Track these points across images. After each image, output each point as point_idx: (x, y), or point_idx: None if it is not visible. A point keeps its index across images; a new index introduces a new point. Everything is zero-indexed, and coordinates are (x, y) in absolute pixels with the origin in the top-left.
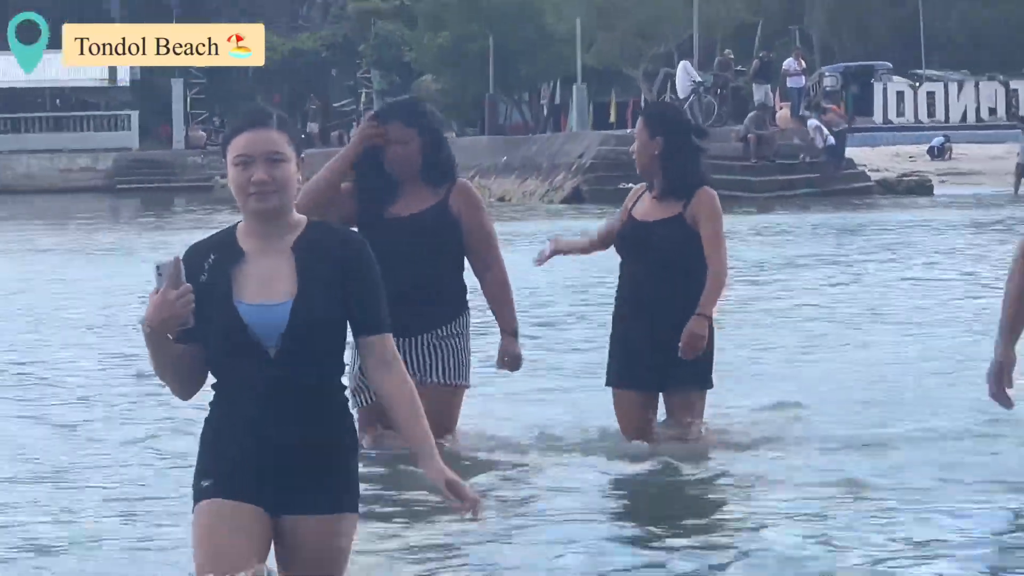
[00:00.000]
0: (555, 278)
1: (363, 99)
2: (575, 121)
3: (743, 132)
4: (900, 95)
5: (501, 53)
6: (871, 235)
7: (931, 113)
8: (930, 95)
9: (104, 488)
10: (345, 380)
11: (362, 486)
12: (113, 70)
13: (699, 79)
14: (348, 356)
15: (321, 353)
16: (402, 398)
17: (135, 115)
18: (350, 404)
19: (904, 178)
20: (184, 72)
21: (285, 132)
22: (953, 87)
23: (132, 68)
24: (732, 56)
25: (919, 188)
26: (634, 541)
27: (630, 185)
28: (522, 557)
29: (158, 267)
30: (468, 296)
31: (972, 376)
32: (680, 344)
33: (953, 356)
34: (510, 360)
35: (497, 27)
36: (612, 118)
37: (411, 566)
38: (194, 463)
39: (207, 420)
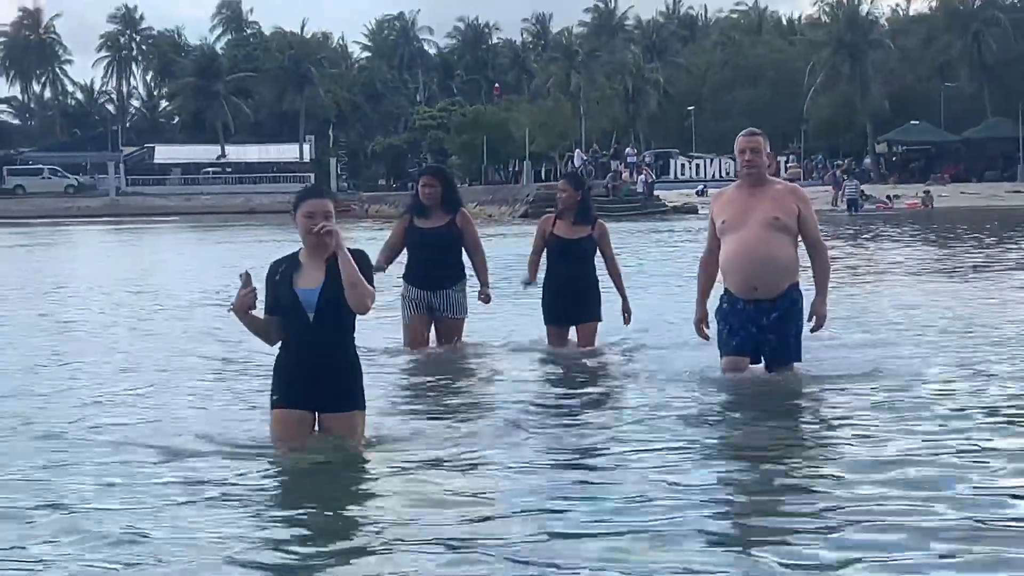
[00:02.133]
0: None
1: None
2: (525, 179)
3: (606, 183)
4: (683, 165)
5: (490, 146)
6: (664, 236)
7: (697, 174)
8: (698, 165)
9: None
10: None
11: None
12: (301, 153)
13: (585, 158)
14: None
15: (339, 319)
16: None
17: (313, 176)
18: (402, 317)
19: (684, 205)
20: (337, 155)
21: (331, 198)
22: (709, 161)
23: (310, 150)
24: (598, 147)
25: (691, 210)
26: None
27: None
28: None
29: (240, 276)
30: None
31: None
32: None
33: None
34: (485, 299)
35: (487, 134)
36: (543, 178)
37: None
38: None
39: (276, 358)
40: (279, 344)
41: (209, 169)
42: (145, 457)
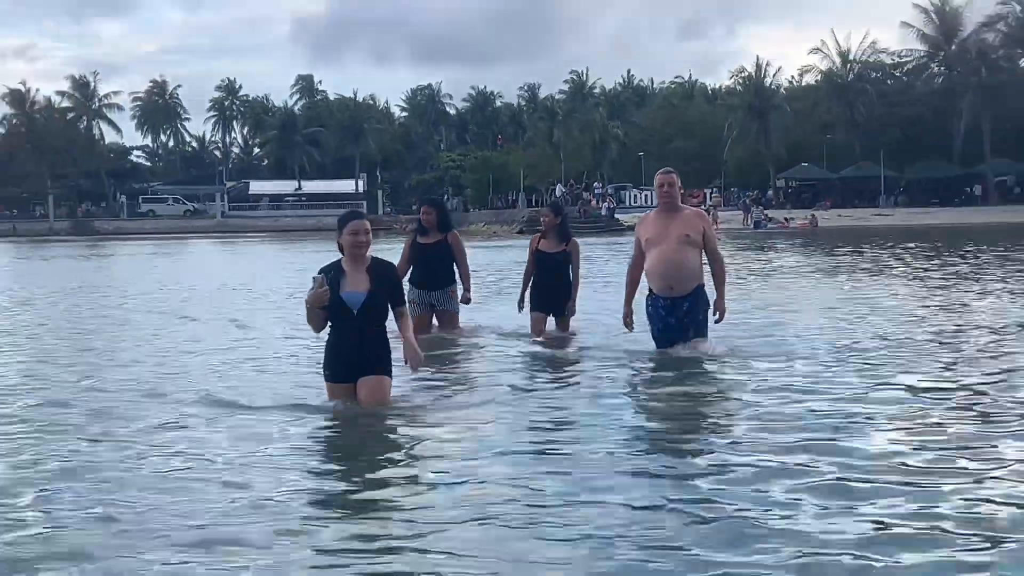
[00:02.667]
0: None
1: (445, 199)
2: (520, 205)
3: (578, 209)
4: (635, 195)
5: (494, 181)
6: (621, 246)
7: (646, 203)
8: (646, 196)
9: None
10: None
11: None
12: (356, 187)
13: (564, 190)
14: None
15: (377, 315)
16: (407, 326)
17: (364, 203)
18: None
19: None
20: (382, 188)
21: (368, 220)
22: (653, 193)
23: (363, 185)
24: (574, 182)
25: None
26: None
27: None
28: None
29: (313, 278)
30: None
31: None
32: (569, 305)
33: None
34: (465, 301)
35: (493, 172)
36: (533, 204)
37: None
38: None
39: (327, 342)
40: (328, 330)
41: (289, 198)
42: (234, 412)
